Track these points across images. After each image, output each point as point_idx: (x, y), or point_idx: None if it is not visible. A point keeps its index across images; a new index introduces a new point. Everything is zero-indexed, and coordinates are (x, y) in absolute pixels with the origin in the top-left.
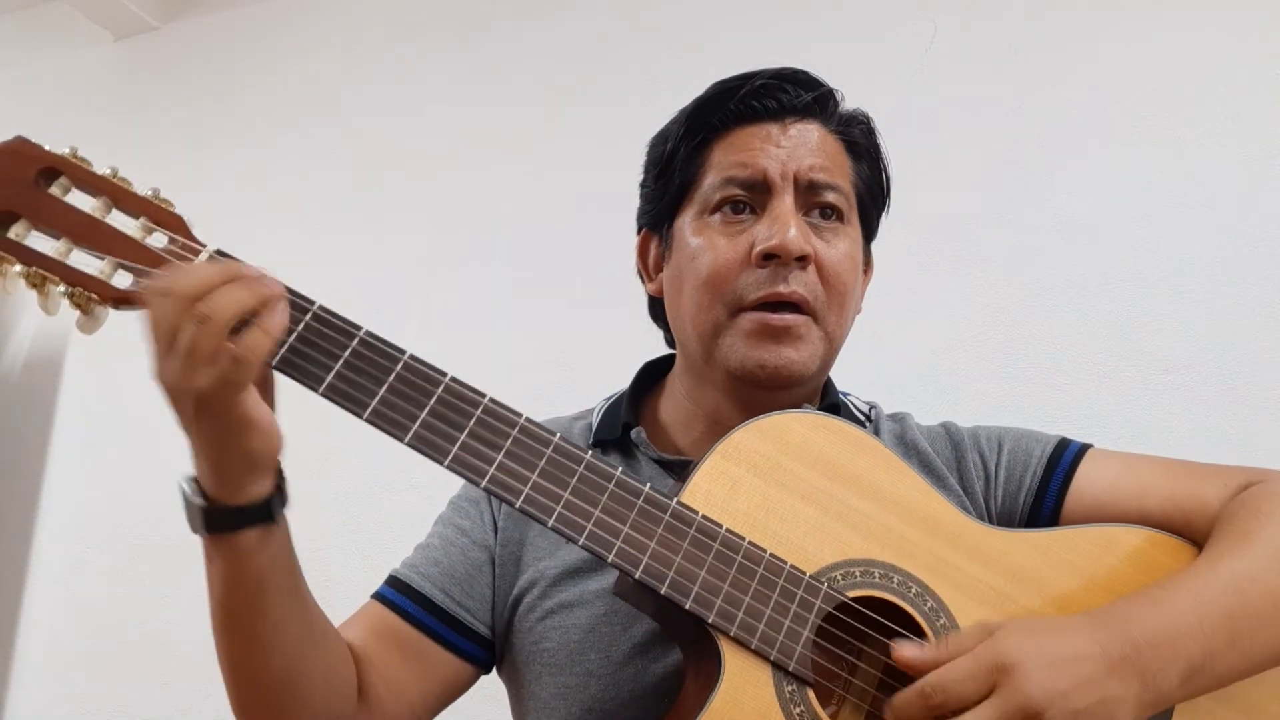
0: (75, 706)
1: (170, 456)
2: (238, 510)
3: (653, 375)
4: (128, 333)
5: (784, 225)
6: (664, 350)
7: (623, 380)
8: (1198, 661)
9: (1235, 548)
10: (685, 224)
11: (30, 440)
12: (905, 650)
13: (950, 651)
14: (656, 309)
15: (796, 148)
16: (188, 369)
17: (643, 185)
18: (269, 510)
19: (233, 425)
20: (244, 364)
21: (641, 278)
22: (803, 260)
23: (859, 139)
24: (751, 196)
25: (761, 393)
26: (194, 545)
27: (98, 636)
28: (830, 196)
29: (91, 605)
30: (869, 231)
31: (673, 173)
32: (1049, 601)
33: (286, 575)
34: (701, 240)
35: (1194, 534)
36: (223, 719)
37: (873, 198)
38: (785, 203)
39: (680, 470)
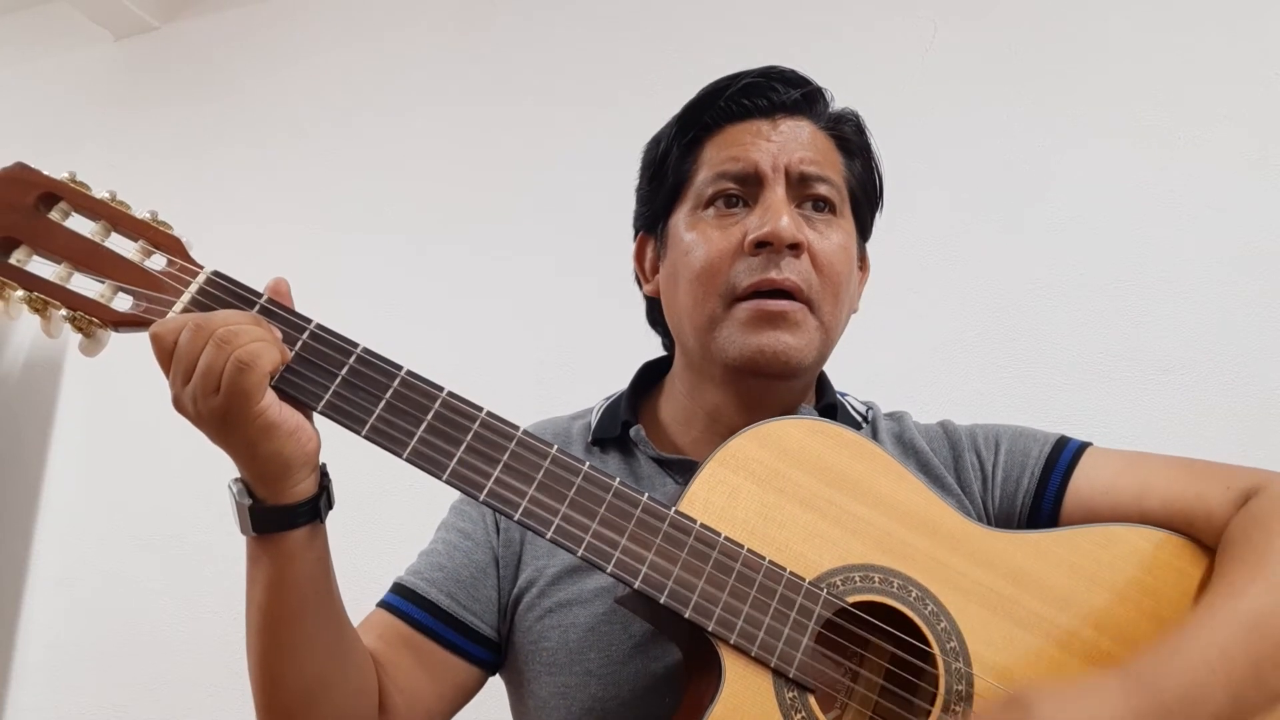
0: (75, 706)
1: (170, 456)
2: (284, 509)
3: (652, 375)
4: (128, 334)
5: (776, 214)
6: (663, 349)
7: (621, 380)
8: (1226, 712)
9: (1252, 578)
10: (679, 221)
11: (30, 440)
12: None
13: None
14: (654, 312)
15: (787, 142)
16: (203, 390)
17: (638, 189)
18: (315, 509)
19: (257, 433)
20: (247, 370)
21: (639, 281)
22: (795, 248)
23: (850, 136)
24: (744, 190)
25: (759, 383)
26: (193, 546)
27: (98, 636)
28: (822, 189)
29: (91, 605)
30: (863, 230)
31: (666, 172)
32: (1050, 602)
33: (325, 581)
34: (695, 234)
35: (1195, 534)
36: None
37: (866, 195)
38: (777, 193)
39: (679, 469)
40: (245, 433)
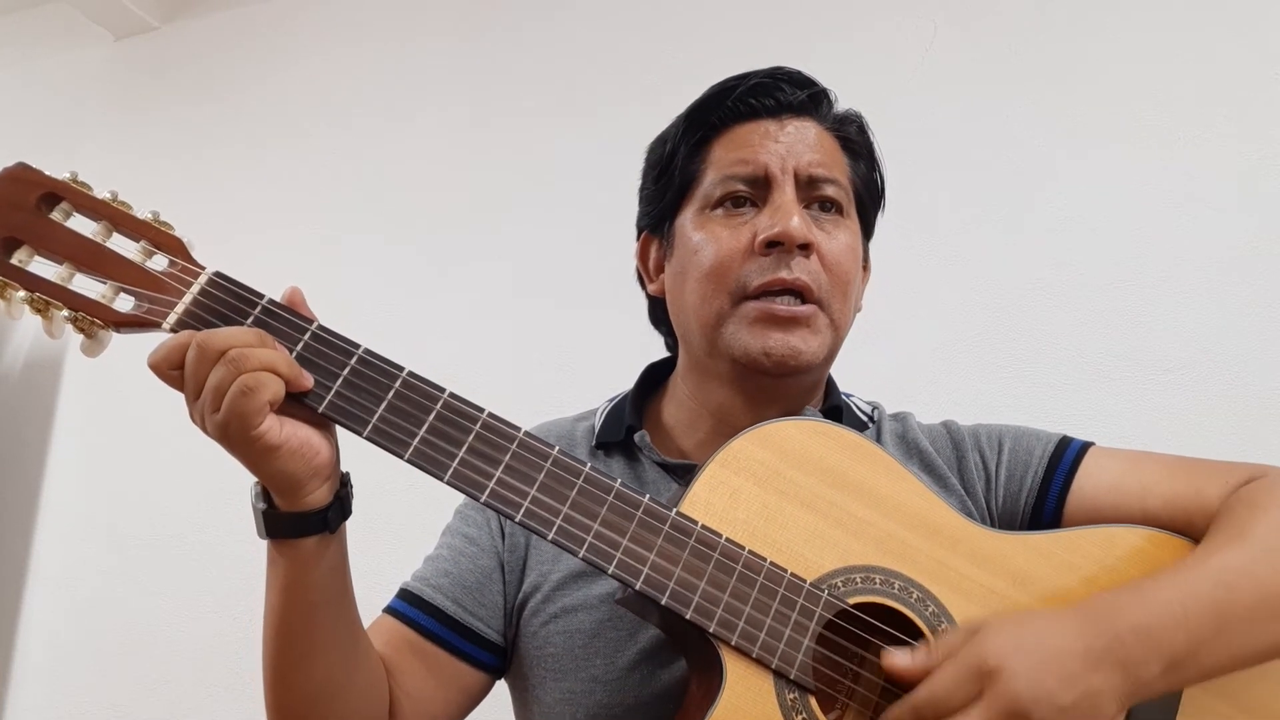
0: (75, 706)
1: (170, 457)
2: (294, 517)
3: (656, 378)
4: (130, 334)
5: (786, 214)
6: (664, 351)
7: (622, 382)
8: (1181, 653)
9: (1228, 542)
10: (686, 221)
11: (30, 440)
12: (896, 660)
13: (939, 655)
14: (657, 312)
15: (795, 143)
16: (210, 406)
17: (642, 189)
18: (324, 519)
19: (259, 453)
20: (249, 395)
21: (641, 281)
22: (805, 249)
23: (854, 137)
24: (753, 191)
25: (766, 381)
26: (193, 546)
27: (98, 636)
28: (830, 190)
29: (91, 605)
30: (867, 230)
31: (673, 172)
32: (1051, 604)
33: (339, 588)
34: (704, 234)
35: (1196, 533)
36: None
37: (870, 196)
38: (787, 194)
39: (683, 474)
40: (246, 450)
